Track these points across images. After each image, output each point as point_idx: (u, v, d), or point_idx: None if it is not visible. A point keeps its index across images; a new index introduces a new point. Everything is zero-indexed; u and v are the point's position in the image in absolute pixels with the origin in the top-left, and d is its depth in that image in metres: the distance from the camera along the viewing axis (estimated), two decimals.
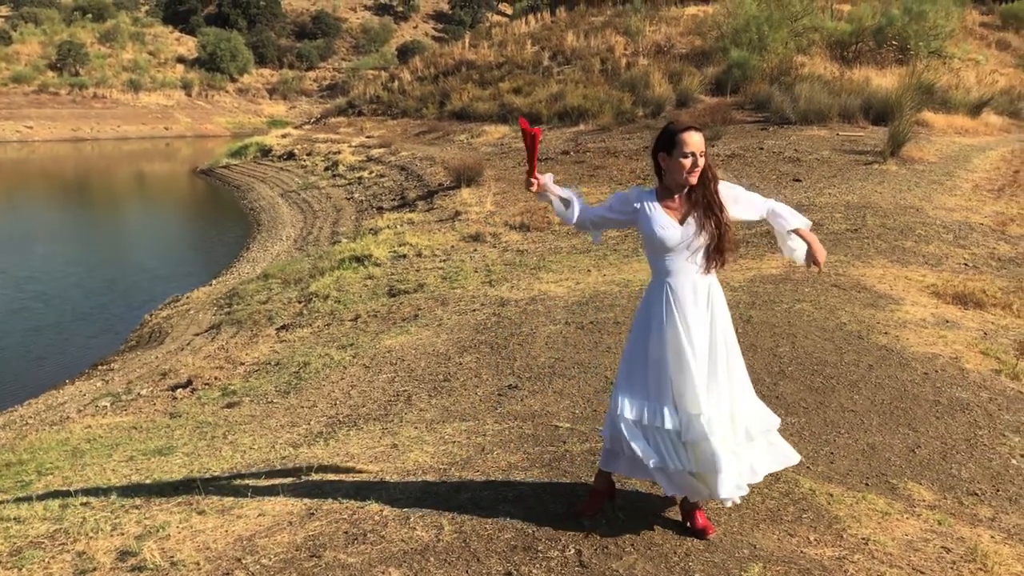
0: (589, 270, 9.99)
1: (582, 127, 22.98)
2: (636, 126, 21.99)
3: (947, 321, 7.38)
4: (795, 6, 25.87)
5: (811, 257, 3.58)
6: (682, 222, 3.38)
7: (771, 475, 4.22)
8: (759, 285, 8.52)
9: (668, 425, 3.37)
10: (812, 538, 3.65)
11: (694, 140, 3.34)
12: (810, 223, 3.69)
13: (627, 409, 3.44)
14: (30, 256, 19.58)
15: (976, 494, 4.41)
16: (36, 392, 11.04)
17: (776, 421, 3.63)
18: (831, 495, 4.09)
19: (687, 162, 3.33)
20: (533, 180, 3.73)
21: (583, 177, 16.86)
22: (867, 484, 4.35)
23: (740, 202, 3.53)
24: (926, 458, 4.74)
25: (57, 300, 15.62)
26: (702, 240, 3.39)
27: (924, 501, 4.23)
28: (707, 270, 3.44)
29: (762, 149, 16.55)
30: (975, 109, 20.96)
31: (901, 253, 9.66)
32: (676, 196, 3.43)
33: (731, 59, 23.97)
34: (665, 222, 3.38)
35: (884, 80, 21.69)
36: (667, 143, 3.40)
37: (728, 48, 24.73)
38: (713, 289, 3.47)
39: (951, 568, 3.56)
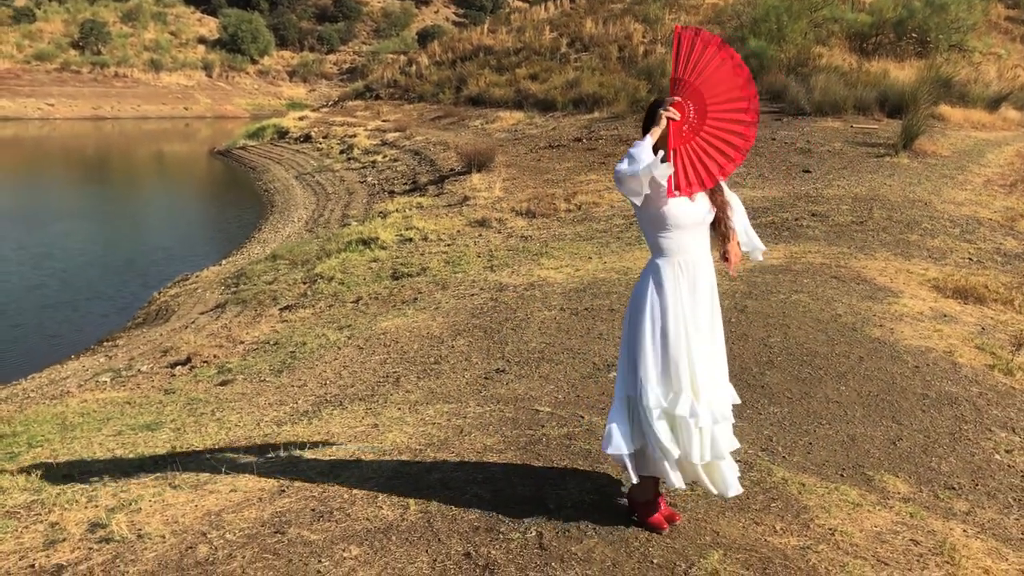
0: (590, 257, 9.97)
1: (596, 114, 22.89)
2: None
3: (945, 315, 7.32)
4: None
5: (725, 254, 3.48)
6: (692, 199, 3.31)
7: (743, 463, 4.21)
8: (758, 275, 8.47)
9: (685, 411, 3.25)
10: (778, 527, 3.64)
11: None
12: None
13: (651, 398, 3.28)
14: (49, 233, 19.76)
15: (954, 488, 4.37)
16: (46, 367, 11.15)
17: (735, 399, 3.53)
18: (803, 485, 4.07)
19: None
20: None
21: (594, 164, 16.81)
22: (842, 475, 4.32)
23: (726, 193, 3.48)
24: (906, 451, 4.71)
25: (72, 277, 15.76)
26: (710, 217, 3.36)
27: (899, 493, 4.20)
28: (722, 245, 3.42)
29: (774, 140, 16.44)
30: (993, 103, 20.71)
31: (905, 246, 9.57)
32: None
33: (749, 48, 23.78)
34: (679, 198, 3.27)
35: (902, 73, 21.47)
36: (656, 116, 3.28)
37: (746, 37, 24.52)
38: (711, 268, 3.40)
39: (917, 560, 3.54)
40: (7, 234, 19.43)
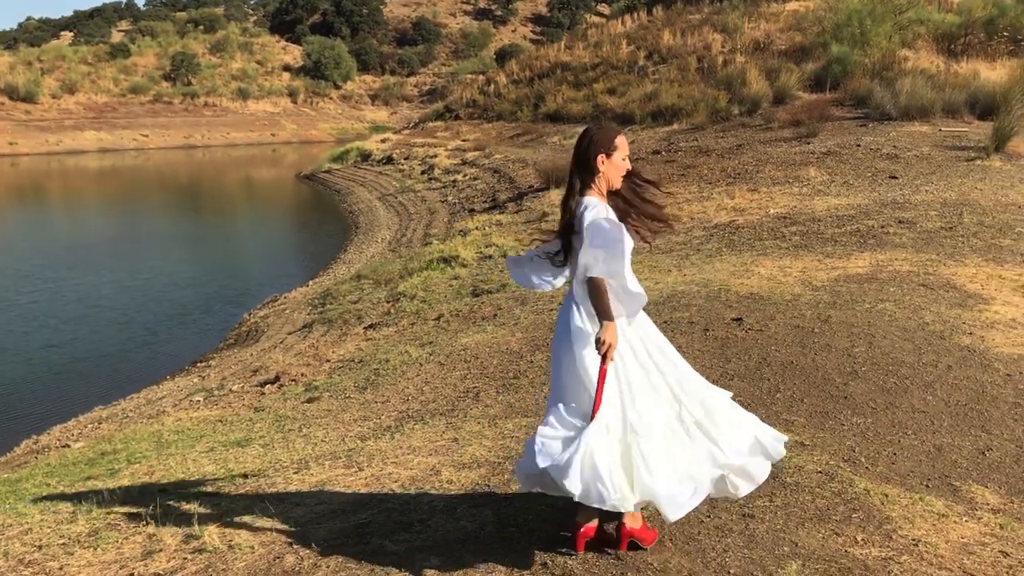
0: (670, 270, 9.92)
1: (675, 126, 22.78)
2: (731, 124, 21.66)
3: None
4: None
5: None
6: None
7: (824, 474, 4.16)
8: (843, 284, 8.33)
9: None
10: (859, 538, 3.58)
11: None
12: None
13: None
14: (145, 259, 20.60)
15: None
16: (143, 387, 11.62)
17: None
18: (886, 495, 4.00)
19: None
20: None
21: (673, 177, 16.71)
22: (927, 486, 4.23)
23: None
24: (996, 461, 4.58)
25: (167, 301, 16.42)
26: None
27: (988, 504, 4.09)
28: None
29: (859, 146, 16.10)
30: None
31: (997, 251, 9.28)
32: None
33: (831, 54, 23.37)
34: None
35: (993, 74, 20.78)
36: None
37: (828, 43, 24.10)
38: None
39: (1006, 573, 3.44)
40: (99, 261, 20.31)
